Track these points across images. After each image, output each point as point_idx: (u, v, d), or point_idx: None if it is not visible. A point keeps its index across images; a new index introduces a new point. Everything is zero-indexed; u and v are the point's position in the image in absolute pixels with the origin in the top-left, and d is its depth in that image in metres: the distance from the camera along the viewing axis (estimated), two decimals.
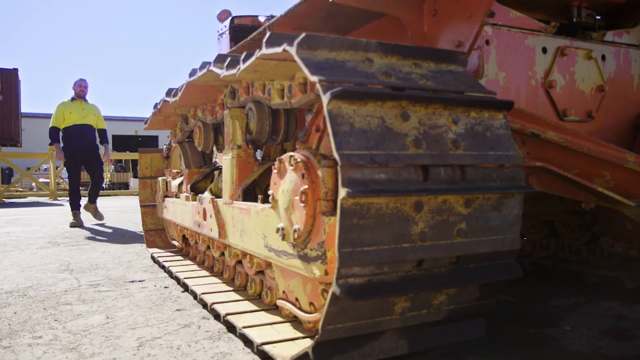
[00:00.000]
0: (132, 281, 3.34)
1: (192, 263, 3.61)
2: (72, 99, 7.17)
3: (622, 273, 2.86)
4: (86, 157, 7.08)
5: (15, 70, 14.22)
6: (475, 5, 2.05)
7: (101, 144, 7.44)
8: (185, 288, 3.00)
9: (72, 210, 7.01)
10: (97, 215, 7.37)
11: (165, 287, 3.13)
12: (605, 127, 2.54)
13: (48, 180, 16.05)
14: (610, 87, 2.56)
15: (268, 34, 1.72)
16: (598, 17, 2.63)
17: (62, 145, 7.06)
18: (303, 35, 1.57)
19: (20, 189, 16.69)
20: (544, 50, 2.38)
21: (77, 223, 6.90)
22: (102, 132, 7.42)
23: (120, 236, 5.79)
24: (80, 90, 7.21)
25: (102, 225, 7.07)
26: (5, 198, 14.51)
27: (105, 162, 7.89)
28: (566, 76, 2.43)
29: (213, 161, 3.88)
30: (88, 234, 6.10)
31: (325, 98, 1.42)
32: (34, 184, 16.19)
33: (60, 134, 7.07)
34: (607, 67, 2.56)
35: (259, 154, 2.99)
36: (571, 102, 2.44)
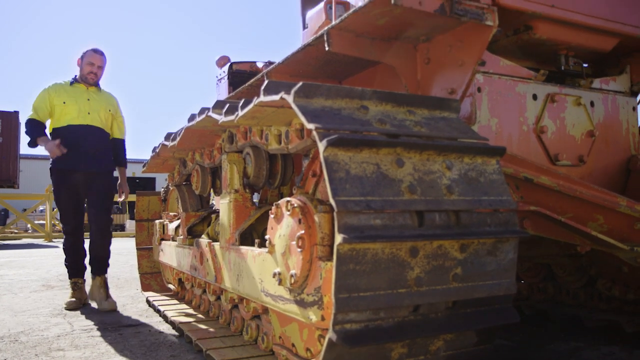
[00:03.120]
0: (127, 326, 3.29)
1: (188, 307, 3.57)
2: (73, 82, 4.03)
3: (621, 317, 2.84)
4: (89, 185, 3.99)
5: (16, 112, 14.37)
6: (466, 54, 2.12)
7: (117, 165, 4.27)
8: (181, 333, 2.96)
9: (70, 280, 4.09)
10: (104, 299, 3.93)
11: (160, 332, 3.09)
12: (596, 172, 2.59)
13: (44, 222, 15.97)
14: (600, 132, 2.61)
15: (266, 81, 1.78)
16: (585, 65, 2.71)
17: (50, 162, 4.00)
18: (300, 84, 1.62)
19: (16, 231, 16.57)
20: (535, 97, 2.44)
21: (77, 302, 3.95)
22: (120, 145, 4.27)
23: (115, 279, 5.74)
24: (91, 72, 4.00)
25: None
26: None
27: (123, 196, 4.37)
28: (557, 122, 2.48)
29: (210, 204, 3.90)
30: None
31: (321, 145, 1.45)
32: (29, 225, 16.11)
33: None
34: (596, 112, 2.63)
35: (255, 197, 3.01)
36: (562, 147, 2.49)
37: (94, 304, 3.99)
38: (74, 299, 3.92)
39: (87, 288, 4.09)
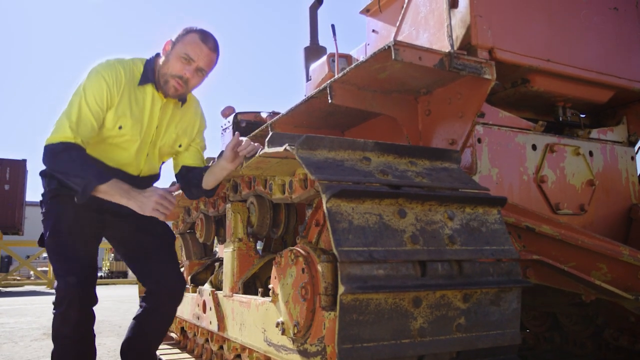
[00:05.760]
0: None
1: (190, 356, 3.52)
2: (144, 82, 2.08)
3: None
4: (137, 226, 2.22)
5: (24, 161, 14.59)
6: (466, 106, 2.18)
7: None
8: None
9: None
10: None
11: None
12: (598, 220, 2.60)
13: (47, 269, 15.89)
14: (600, 181, 2.65)
15: (270, 133, 1.83)
16: (583, 116, 2.77)
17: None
18: (304, 136, 1.67)
19: (18, 278, 16.47)
20: (534, 147, 2.49)
21: None
22: (198, 175, 2.27)
23: (117, 327, 5.67)
24: (179, 77, 2.04)
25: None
26: (1, 287, 14.30)
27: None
28: (557, 171, 2.52)
29: (213, 252, 3.91)
30: None
31: (324, 196, 1.49)
32: (32, 272, 16.02)
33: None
34: (595, 162, 2.67)
35: (259, 245, 3.03)
36: (563, 196, 2.51)
37: None
38: None
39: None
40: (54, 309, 1.99)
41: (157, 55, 2.14)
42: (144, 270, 2.25)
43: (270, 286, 1.95)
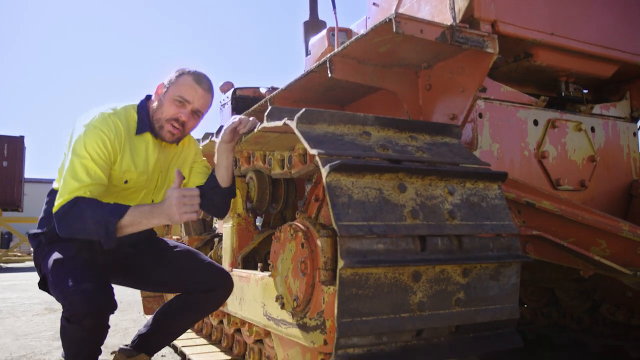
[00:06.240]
0: None
1: (190, 331, 3.55)
2: (142, 131, 1.99)
3: (625, 342, 2.82)
4: (154, 253, 2.17)
5: (22, 137, 14.54)
6: (467, 81, 2.15)
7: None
8: (183, 357, 2.95)
9: None
10: None
11: (162, 356, 3.07)
12: (598, 196, 2.60)
13: None
14: (601, 157, 2.63)
15: (269, 108, 1.81)
16: (585, 91, 2.74)
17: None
18: (303, 110, 1.65)
19: (19, 254, 16.55)
20: (535, 122, 2.47)
21: None
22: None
23: (117, 302, 5.72)
24: (175, 120, 1.97)
25: None
26: (3, 263, 14.39)
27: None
28: (558, 147, 2.51)
29: (213, 228, 3.91)
30: None
31: (324, 171, 1.47)
32: (32, 248, 16.11)
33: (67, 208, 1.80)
34: (597, 138, 2.65)
35: (258, 221, 3.03)
36: (564, 172, 2.50)
37: None
38: None
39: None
40: (65, 321, 1.77)
41: (148, 97, 2.05)
42: (186, 280, 2.07)
43: (269, 261, 1.95)
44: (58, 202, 1.79)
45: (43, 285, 1.96)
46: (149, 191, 2.07)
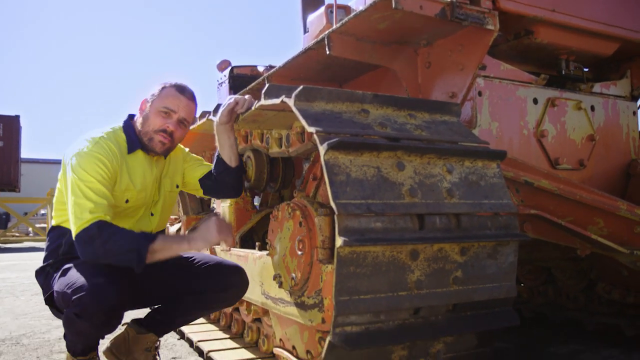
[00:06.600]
0: None
1: None
2: (133, 149, 2.00)
3: (621, 320, 2.84)
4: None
5: (17, 117, 14.42)
6: (467, 59, 2.13)
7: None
8: (182, 335, 2.97)
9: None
10: None
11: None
12: (596, 176, 2.59)
13: (45, 225, 15.97)
14: (600, 136, 2.62)
15: (267, 85, 1.79)
16: (586, 70, 2.72)
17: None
18: (301, 87, 1.63)
19: (17, 234, 16.57)
20: (535, 101, 2.45)
21: None
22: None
23: None
24: (163, 131, 1.99)
25: None
26: (1, 243, 14.41)
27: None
28: (557, 126, 2.49)
29: (211, 207, 3.91)
30: None
31: (322, 149, 1.46)
32: (30, 229, 16.12)
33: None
34: (597, 117, 2.63)
35: (256, 201, 3.02)
36: (563, 151, 2.49)
37: None
38: None
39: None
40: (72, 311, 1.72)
41: (131, 117, 2.07)
42: (201, 284, 2.04)
43: (267, 240, 1.95)
44: (78, 225, 1.76)
45: (49, 300, 1.92)
46: (148, 207, 2.09)
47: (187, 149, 2.32)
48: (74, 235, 1.78)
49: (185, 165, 2.24)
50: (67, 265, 1.86)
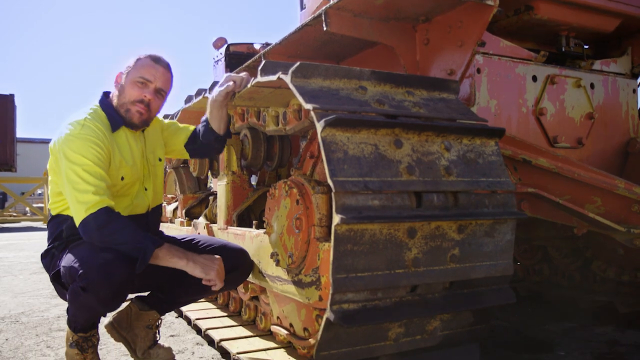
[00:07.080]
0: None
1: None
2: (117, 127, 1.97)
3: (615, 298, 2.86)
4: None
5: (12, 96, 14.28)
6: (466, 35, 2.10)
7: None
8: (179, 314, 2.98)
9: (73, 336, 1.91)
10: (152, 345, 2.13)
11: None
12: (595, 154, 2.58)
13: (42, 205, 15.97)
14: (599, 114, 2.60)
15: (263, 62, 1.76)
16: (586, 47, 2.69)
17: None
18: (297, 64, 1.60)
19: (14, 214, 16.57)
20: (534, 78, 2.43)
21: None
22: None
23: None
24: (140, 101, 1.95)
25: None
26: None
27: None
28: (556, 104, 2.47)
29: (208, 186, 3.90)
30: None
31: (319, 126, 1.44)
32: (27, 208, 16.11)
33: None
34: (596, 95, 2.61)
35: (253, 179, 3.01)
36: (561, 129, 2.48)
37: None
38: None
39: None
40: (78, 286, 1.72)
41: (106, 94, 2.03)
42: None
43: (264, 218, 1.94)
44: (85, 208, 1.75)
45: (55, 277, 1.91)
46: (140, 181, 2.07)
47: (161, 117, 2.27)
48: (79, 220, 1.77)
49: (164, 135, 2.23)
50: (74, 244, 1.87)
